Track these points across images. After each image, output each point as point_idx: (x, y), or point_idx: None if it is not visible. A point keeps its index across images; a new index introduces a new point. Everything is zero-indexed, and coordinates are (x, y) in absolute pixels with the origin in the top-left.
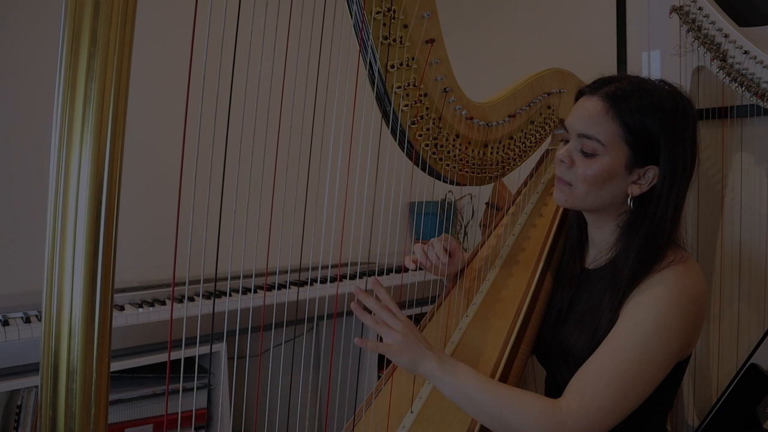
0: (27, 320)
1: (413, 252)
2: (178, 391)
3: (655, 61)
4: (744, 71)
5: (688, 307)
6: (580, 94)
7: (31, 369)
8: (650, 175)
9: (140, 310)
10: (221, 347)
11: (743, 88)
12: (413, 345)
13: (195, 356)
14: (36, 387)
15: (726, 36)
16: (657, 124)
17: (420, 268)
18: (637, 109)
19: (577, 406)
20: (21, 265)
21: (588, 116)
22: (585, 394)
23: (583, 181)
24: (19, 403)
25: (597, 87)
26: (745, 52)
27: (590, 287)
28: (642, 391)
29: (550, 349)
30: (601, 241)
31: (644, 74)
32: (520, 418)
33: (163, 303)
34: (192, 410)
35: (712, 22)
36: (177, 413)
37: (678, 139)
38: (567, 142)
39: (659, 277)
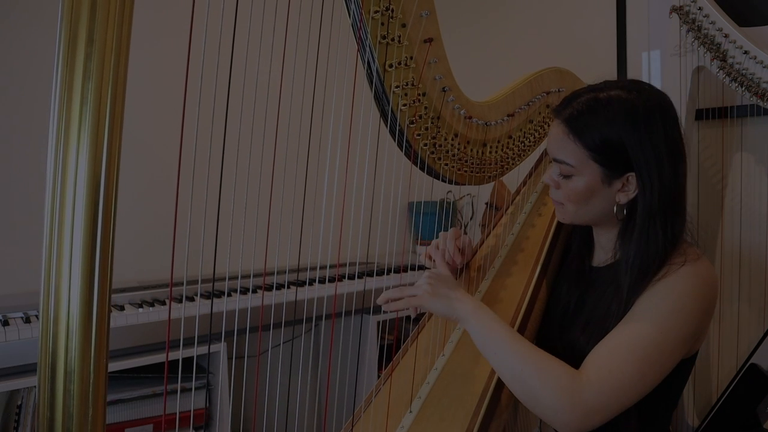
0: (27, 320)
1: (427, 250)
2: (178, 391)
3: (655, 61)
4: (744, 71)
5: (703, 291)
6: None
7: (31, 369)
8: (633, 181)
9: (140, 310)
10: (220, 347)
11: (743, 88)
12: (442, 289)
13: (194, 356)
14: (36, 387)
15: (726, 36)
16: (616, 135)
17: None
18: (594, 127)
19: (596, 378)
20: (21, 265)
21: (555, 141)
22: (603, 368)
23: (569, 200)
24: (19, 403)
25: (560, 109)
26: (745, 52)
27: (597, 289)
28: (658, 372)
29: (557, 346)
30: (607, 243)
31: (644, 74)
32: (540, 381)
33: (163, 303)
34: (191, 410)
35: (712, 22)
36: (176, 413)
37: (644, 139)
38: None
39: (674, 275)
